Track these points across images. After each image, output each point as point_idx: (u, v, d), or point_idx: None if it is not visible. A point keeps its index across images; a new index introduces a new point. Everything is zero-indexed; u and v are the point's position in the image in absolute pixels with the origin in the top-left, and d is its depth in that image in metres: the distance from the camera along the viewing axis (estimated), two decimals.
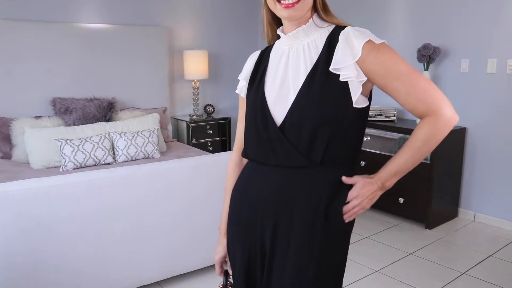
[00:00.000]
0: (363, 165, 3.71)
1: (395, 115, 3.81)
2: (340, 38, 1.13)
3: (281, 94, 1.17)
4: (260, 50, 1.33)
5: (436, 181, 3.39)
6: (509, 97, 3.33)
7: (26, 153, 3.27)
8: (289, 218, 1.15)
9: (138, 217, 2.30)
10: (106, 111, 3.69)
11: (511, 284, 2.63)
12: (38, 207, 2.01)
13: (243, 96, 1.33)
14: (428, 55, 3.55)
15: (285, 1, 1.13)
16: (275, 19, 1.26)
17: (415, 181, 3.39)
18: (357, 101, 1.11)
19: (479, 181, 3.58)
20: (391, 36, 4.01)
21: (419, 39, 3.76)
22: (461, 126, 3.60)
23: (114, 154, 3.37)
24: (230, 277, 1.36)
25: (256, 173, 1.22)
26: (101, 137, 3.29)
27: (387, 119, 3.77)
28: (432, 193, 3.39)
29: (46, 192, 2.03)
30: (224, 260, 1.38)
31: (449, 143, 3.39)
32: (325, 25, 1.19)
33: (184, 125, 4.36)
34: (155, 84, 4.23)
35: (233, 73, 4.79)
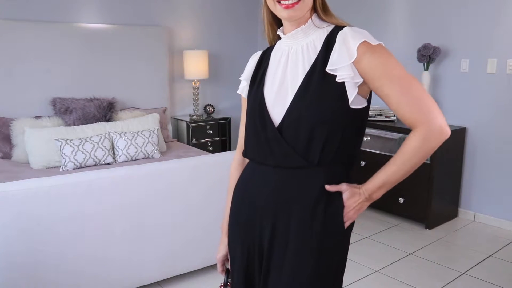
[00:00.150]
0: (363, 165, 3.71)
1: (395, 115, 3.81)
2: (338, 38, 1.12)
3: (280, 95, 1.17)
4: (262, 51, 1.33)
5: (436, 181, 3.39)
6: (509, 97, 3.33)
7: (26, 153, 3.27)
8: (287, 218, 1.15)
9: (138, 217, 2.30)
10: (106, 111, 3.69)
11: (511, 284, 2.63)
12: (38, 207, 2.01)
13: (244, 96, 1.33)
14: (428, 55, 3.55)
15: (285, 1, 1.12)
16: (275, 19, 1.25)
17: (415, 181, 3.38)
18: (354, 102, 1.10)
19: (479, 181, 3.58)
20: (391, 36, 4.01)
21: (419, 39, 3.76)
22: (461, 126, 3.60)
23: (114, 154, 3.37)
24: None
25: (255, 173, 1.23)
26: (101, 137, 3.29)
27: (387, 119, 3.77)
28: (432, 193, 3.39)
29: (46, 192, 2.03)
30: (226, 259, 1.39)
31: (449, 143, 3.38)
32: (324, 25, 1.18)
33: (184, 125, 4.36)
34: (155, 84, 4.23)
35: (233, 73, 4.80)
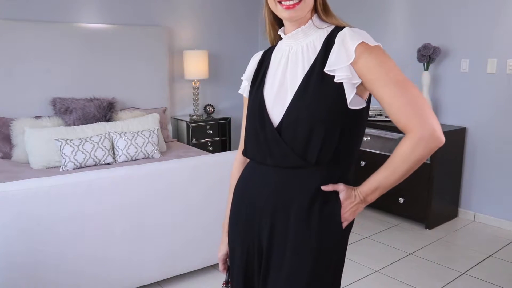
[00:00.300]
0: (363, 165, 3.71)
1: None
2: (337, 39, 1.12)
3: (279, 95, 1.17)
4: (263, 51, 1.34)
5: (436, 181, 3.39)
6: (509, 97, 3.33)
7: (26, 153, 3.27)
8: (286, 218, 1.15)
9: (138, 217, 2.30)
10: (106, 111, 3.69)
11: (511, 284, 2.63)
12: (38, 207, 2.01)
13: (245, 96, 1.34)
14: (428, 55, 3.55)
15: (286, 2, 1.13)
16: (276, 19, 1.26)
17: (415, 181, 3.38)
18: (352, 102, 1.10)
19: (479, 181, 3.58)
20: (391, 36, 4.01)
21: (419, 39, 3.76)
22: (461, 126, 3.61)
23: (114, 154, 3.37)
24: None
25: (255, 173, 1.23)
26: (101, 137, 3.29)
27: (387, 119, 3.77)
28: (432, 193, 3.39)
29: (46, 192, 2.03)
30: (227, 257, 1.39)
31: (449, 143, 3.38)
32: (325, 26, 1.18)
33: (184, 125, 4.36)
34: (155, 84, 4.23)
35: (233, 73, 4.80)
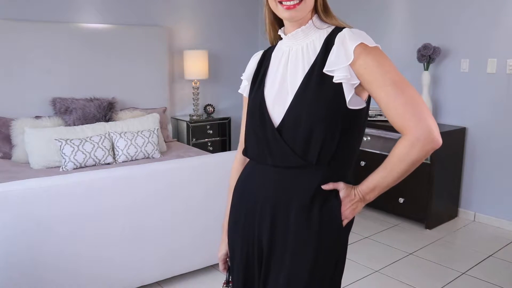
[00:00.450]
0: (363, 165, 3.71)
1: None
2: (336, 40, 1.13)
3: (280, 95, 1.17)
4: (263, 50, 1.34)
5: (436, 181, 3.39)
6: (509, 97, 3.33)
7: (26, 153, 3.27)
8: (286, 218, 1.16)
9: (138, 217, 2.30)
10: (106, 111, 3.69)
11: (511, 284, 2.63)
12: (38, 207, 2.01)
13: (245, 96, 1.34)
14: (428, 55, 3.55)
15: (286, 2, 1.13)
16: (277, 19, 1.26)
17: (415, 181, 3.38)
18: (352, 102, 1.10)
19: (479, 181, 3.58)
20: (391, 36, 4.01)
21: (419, 39, 3.76)
22: (461, 126, 3.61)
23: (114, 154, 3.37)
24: None
25: (255, 172, 1.23)
26: (101, 137, 3.29)
27: (386, 118, 3.77)
28: (432, 193, 3.39)
29: (46, 192, 2.03)
30: (227, 257, 1.39)
31: (449, 143, 3.40)
32: (325, 27, 1.18)
33: (184, 125, 4.36)
34: (155, 84, 4.23)
35: (233, 73, 4.80)
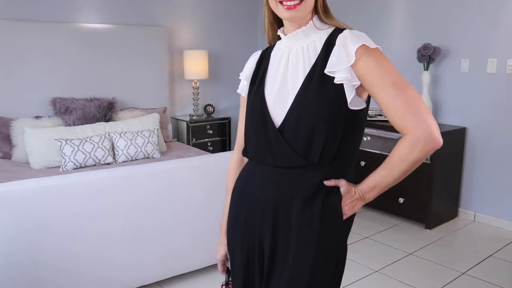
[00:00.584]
0: (363, 165, 3.71)
1: None
2: (337, 41, 1.13)
3: (280, 96, 1.17)
4: (261, 50, 1.34)
5: (436, 181, 3.39)
6: (509, 97, 3.33)
7: (26, 153, 3.27)
8: (288, 218, 1.16)
9: (138, 217, 2.30)
10: (106, 111, 3.69)
11: (511, 284, 2.63)
12: (38, 207, 2.01)
13: (244, 96, 1.34)
14: (428, 55, 3.55)
15: (287, 2, 1.13)
16: (276, 19, 1.26)
17: (415, 181, 3.38)
18: (353, 103, 1.11)
19: (479, 181, 3.58)
20: (391, 36, 4.01)
21: (419, 39, 3.76)
22: (461, 126, 3.61)
23: (114, 154, 3.37)
24: None
25: (255, 173, 1.23)
26: (101, 137, 3.29)
27: (387, 119, 3.77)
28: (432, 193, 3.39)
29: (46, 192, 2.03)
30: (226, 258, 1.39)
31: (449, 143, 3.39)
32: (325, 27, 1.19)
33: (184, 125, 4.36)
34: (155, 84, 4.23)
35: (233, 73, 4.80)
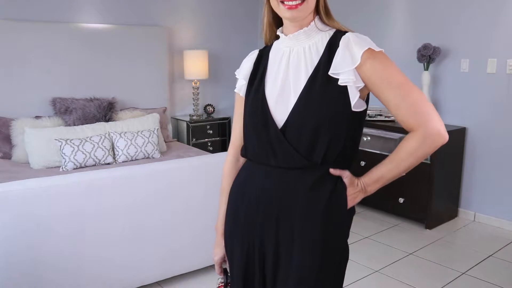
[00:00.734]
0: (363, 165, 3.71)
1: None
2: (341, 43, 1.13)
3: (282, 96, 1.17)
4: (258, 50, 1.33)
5: (436, 181, 3.38)
6: (509, 97, 3.33)
7: (26, 153, 3.27)
8: (291, 218, 1.15)
9: (138, 217, 2.30)
10: (106, 111, 3.69)
11: (511, 284, 2.63)
12: (38, 207, 2.01)
13: (242, 95, 1.32)
14: (428, 55, 3.55)
15: (288, 2, 1.13)
16: (275, 19, 1.26)
17: (415, 181, 3.39)
18: (355, 105, 1.12)
19: (479, 181, 3.58)
20: (391, 36, 4.01)
21: (419, 39, 3.76)
22: (461, 126, 3.60)
23: (114, 154, 3.37)
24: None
25: (255, 174, 1.22)
26: (101, 137, 3.29)
27: (387, 119, 3.77)
28: (432, 193, 3.38)
29: (46, 192, 2.03)
30: (223, 260, 1.39)
31: (449, 143, 3.37)
32: (326, 29, 1.19)
33: (184, 125, 4.36)
34: (155, 84, 4.23)
35: (233, 73, 4.70)
